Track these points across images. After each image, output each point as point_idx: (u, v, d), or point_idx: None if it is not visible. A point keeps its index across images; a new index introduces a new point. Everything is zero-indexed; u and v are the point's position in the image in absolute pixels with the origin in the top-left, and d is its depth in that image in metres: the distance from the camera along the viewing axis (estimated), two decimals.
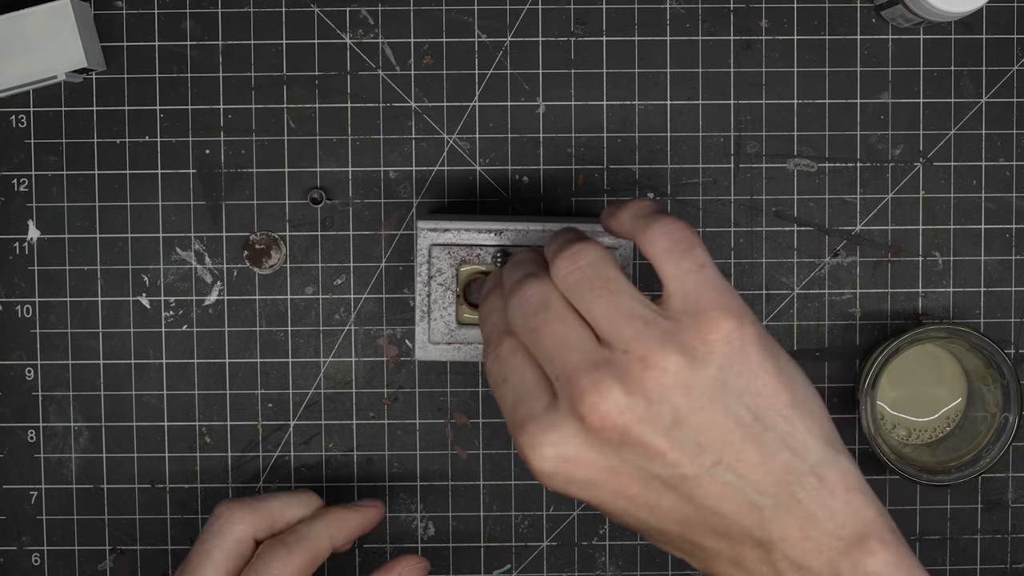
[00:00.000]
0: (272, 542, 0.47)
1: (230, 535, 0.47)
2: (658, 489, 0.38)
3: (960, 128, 0.57)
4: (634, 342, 0.37)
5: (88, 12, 0.55)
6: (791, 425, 0.38)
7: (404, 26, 0.56)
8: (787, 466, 0.37)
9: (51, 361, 0.57)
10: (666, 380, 0.37)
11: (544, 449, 0.38)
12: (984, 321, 0.57)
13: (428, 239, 0.49)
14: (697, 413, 0.37)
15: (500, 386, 0.40)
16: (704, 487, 0.37)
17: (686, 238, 0.39)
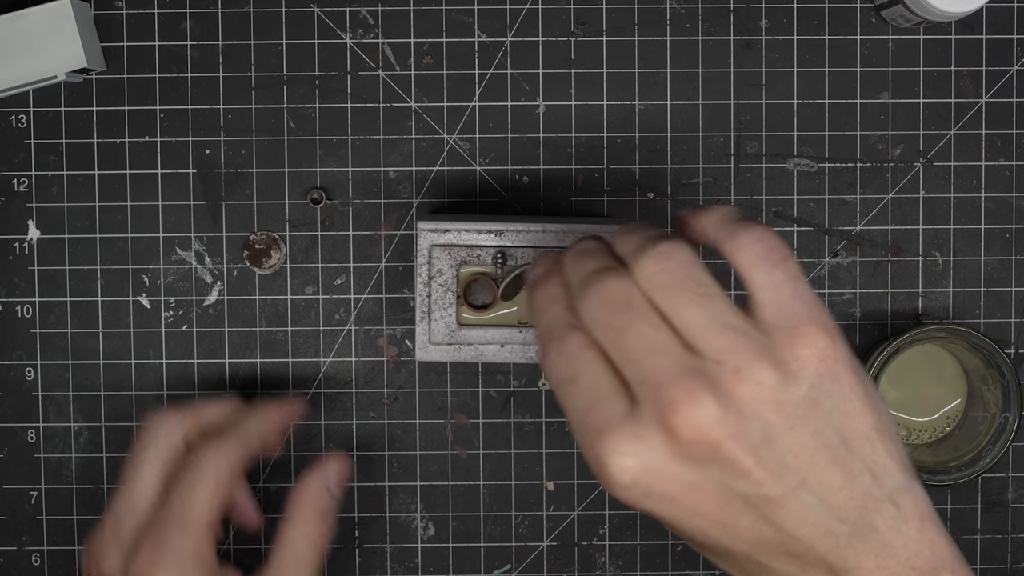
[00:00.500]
0: (204, 440, 0.48)
1: (164, 440, 0.48)
2: (738, 508, 0.36)
3: (960, 128, 0.57)
4: (728, 353, 0.35)
5: (88, 12, 0.55)
6: (874, 449, 0.36)
7: (404, 26, 0.56)
8: (867, 492, 0.36)
9: (51, 361, 0.57)
10: (759, 395, 0.35)
11: (626, 460, 0.35)
12: (984, 321, 0.57)
13: (428, 240, 0.49)
14: (787, 432, 0.35)
15: (567, 384, 0.37)
16: (785, 508, 0.36)
17: (779, 247, 0.37)
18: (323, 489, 0.50)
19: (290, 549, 0.49)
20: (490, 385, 0.57)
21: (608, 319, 0.37)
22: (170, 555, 0.46)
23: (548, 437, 0.57)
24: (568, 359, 0.37)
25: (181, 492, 0.47)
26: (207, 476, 0.47)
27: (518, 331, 0.50)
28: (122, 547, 0.47)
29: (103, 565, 0.47)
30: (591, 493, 0.57)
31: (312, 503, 0.50)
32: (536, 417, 0.57)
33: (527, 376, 0.57)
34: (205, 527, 0.47)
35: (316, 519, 0.50)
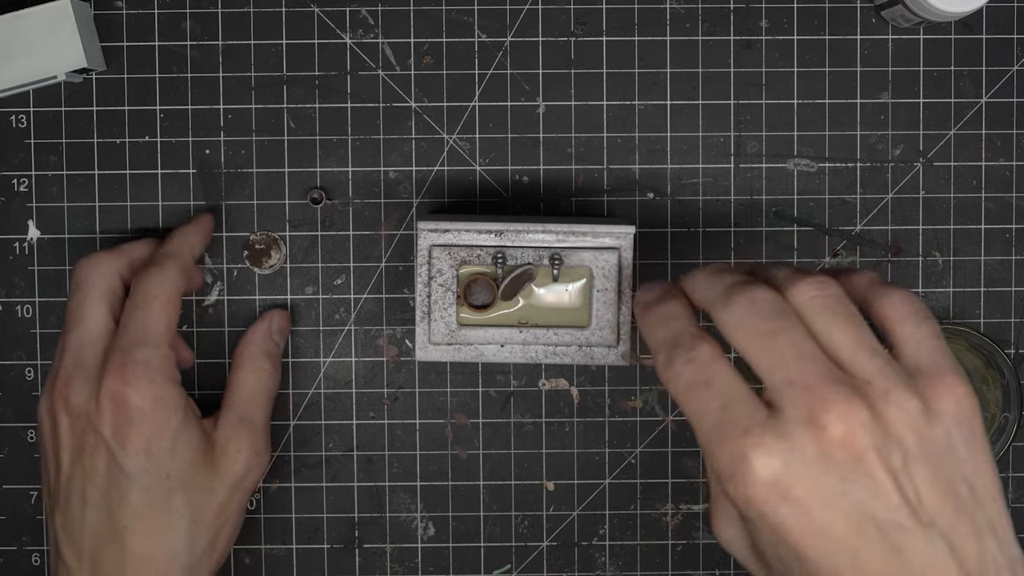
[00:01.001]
0: (142, 268, 0.51)
1: (102, 278, 0.50)
2: (870, 536, 0.35)
3: (960, 128, 0.57)
4: (878, 376, 0.36)
5: (88, 12, 0.55)
6: (999, 511, 0.37)
7: (404, 26, 0.56)
8: (991, 554, 0.36)
9: (51, 361, 0.57)
10: (905, 420, 0.36)
11: (771, 458, 0.36)
12: (984, 321, 0.57)
13: (428, 240, 0.49)
14: (924, 463, 0.36)
15: (700, 389, 0.38)
16: (915, 544, 0.35)
17: (924, 309, 0.39)
18: (267, 334, 0.54)
19: (241, 387, 0.53)
20: (490, 385, 0.57)
21: (759, 324, 0.38)
22: (140, 371, 0.47)
23: (548, 437, 0.57)
24: (699, 365, 0.38)
25: (135, 315, 0.49)
26: (157, 297, 0.49)
27: (518, 331, 0.50)
28: (88, 376, 0.48)
29: (71, 398, 0.48)
30: (591, 493, 0.57)
31: (258, 345, 0.54)
32: (536, 417, 0.57)
33: (527, 376, 0.57)
34: (168, 343, 0.49)
35: (263, 359, 0.54)
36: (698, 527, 0.57)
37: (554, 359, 0.50)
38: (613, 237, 0.49)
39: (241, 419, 0.51)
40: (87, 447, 0.48)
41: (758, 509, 0.36)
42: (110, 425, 0.47)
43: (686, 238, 0.57)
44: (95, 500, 0.47)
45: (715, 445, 0.37)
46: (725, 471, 0.37)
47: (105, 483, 0.47)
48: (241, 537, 0.57)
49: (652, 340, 0.41)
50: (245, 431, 0.51)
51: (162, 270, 0.50)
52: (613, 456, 0.57)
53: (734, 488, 0.36)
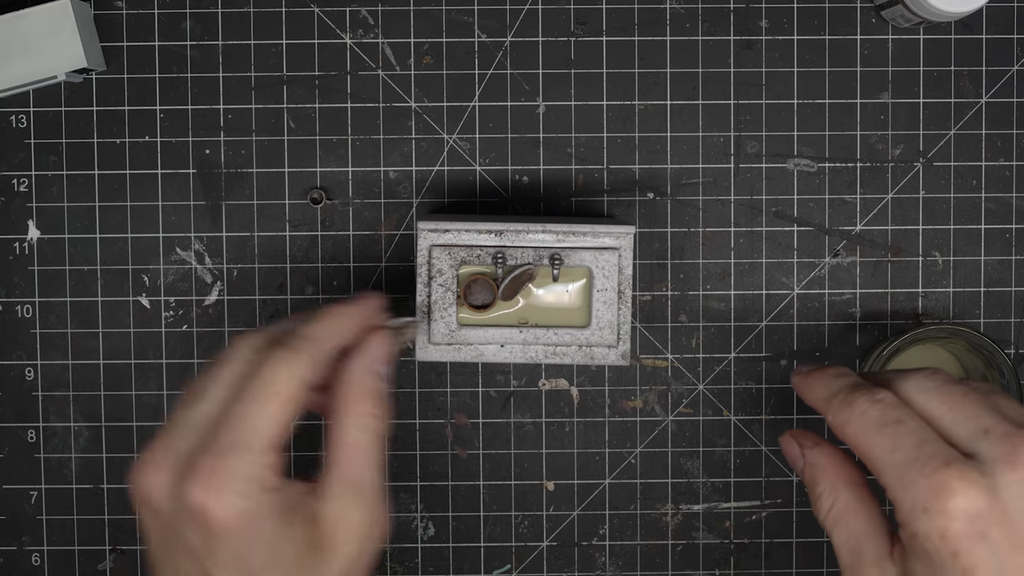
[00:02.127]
0: (270, 347, 0.42)
1: (240, 362, 0.43)
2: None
3: (960, 128, 0.57)
4: None
5: (88, 12, 0.55)
6: None
7: (404, 26, 0.56)
8: None
9: (51, 361, 0.57)
10: None
11: (975, 490, 0.36)
12: (984, 321, 0.57)
13: (428, 240, 0.49)
14: None
15: (891, 426, 0.39)
16: None
17: None
18: (368, 370, 0.45)
19: (345, 440, 0.43)
20: (490, 385, 0.57)
21: (942, 389, 0.40)
22: (229, 482, 0.40)
23: (548, 437, 0.57)
24: (887, 406, 0.40)
25: (244, 408, 0.41)
26: (276, 393, 0.41)
27: (518, 331, 0.50)
28: (175, 469, 0.41)
29: (150, 489, 0.41)
30: (591, 493, 0.57)
31: (359, 387, 0.44)
32: (536, 417, 0.57)
33: (527, 376, 0.57)
34: (269, 450, 0.41)
35: (367, 402, 0.44)
36: (698, 527, 0.57)
37: (554, 359, 0.50)
38: (613, 237, 0.49)
39: (350, 484, 0.43)
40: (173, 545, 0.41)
41: (953, 546, 0.36)
42: (195, 536, 0.40)
43: (686, 238, 0.57)
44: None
45: (912, 476, 0.37)
46: (921, 503, 0.37)
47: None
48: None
49: (822, 391, 0.42)
50: (356, 501, 0.43)
51: (293, 357, 0.42)
52: (613, 456, 0.57)
53: (929, 522, 0.36)
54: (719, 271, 0.57)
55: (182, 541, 0.41)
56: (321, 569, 0.42)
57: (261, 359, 0.42)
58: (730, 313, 0.57)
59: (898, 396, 0.40)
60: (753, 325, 0.57)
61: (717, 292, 0.57)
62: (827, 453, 0.43)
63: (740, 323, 0.57)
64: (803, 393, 0.44)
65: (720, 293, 0.57)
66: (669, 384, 0.57)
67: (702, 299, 0.57)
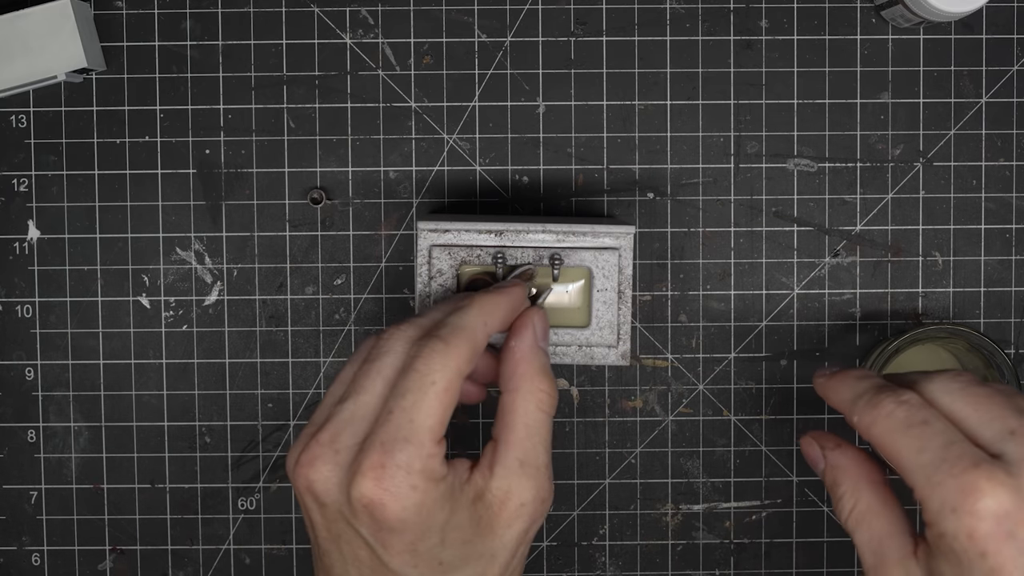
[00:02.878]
0: (424, 339, 0.42)
1: (398, 350, 0.42)
2: None
3: (960, 128, 0.57)
4: None
5: (88, 12, 0.55)
6: None
7: (404, 26, 0.56)
8: None
9: (51, 361, 0.57)
10: None
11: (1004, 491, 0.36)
12: (984, 321, 0.57)
13: (428, 240, 0.49)
14: None
15: (918, 427, 0.39)
16: None
17: None
18: (535, 347, 0.45)
19: (517, 417, 0.43)
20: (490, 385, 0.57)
21: (967, 390, 0.40)
22: (401, 478, 0.40)
23: None
24: (913, 407, 0.40)
25: (406, 400, 0.41)
26: (436, 382, 0.41)
27: None
28: (341, 463, 0.41)
29: (316, 484, 0.41)
30: (591, 493, 0.57)
31: (531, 361, 0.44)
32: None
33: None
34: (432, 441, 0.41)
35: (540, 378, 0.44)
36: (698, 527, 0.57)
37: (554, 359, 0.50)
38: (613, 237, 0.49)
39: (522, 462, 0.43)
40: (343, 535, 0.42)
41: (981, 546, 0.36)
42: (367, 528, 0.41)
43: (686, 238, 0.57)
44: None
45: (940, 476, 0.37)
46: (950, 503, 0.37)
47: (370, 570, 0.42)
48: (241, 537, 0.57)
49: (846, 393, 0.42)
50: (528, 478, 0.42)
51: (448, 348, 0.42)
52: (613, 456, 0.57)
53: (957, 522, 0.36)
54: (719, 271, 0.57)
55: (352, 532, 0.41)
56: (492, 545, 0.42)
57: (416, 351, 0.42)
58: (730, 313, 0.57)
59: (922, 397, 0.40)
60: (753, 325, 0.57)
61: (717, 292, 0.57)
62: (849, 454, 0.43)
63: (740, 323, 0.57)
64: (826, 395, 0.44)
65: (720, 293, 0.57)
66: (669, 384, 0.57)
67: (702, 299, 0.57)
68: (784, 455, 0.57)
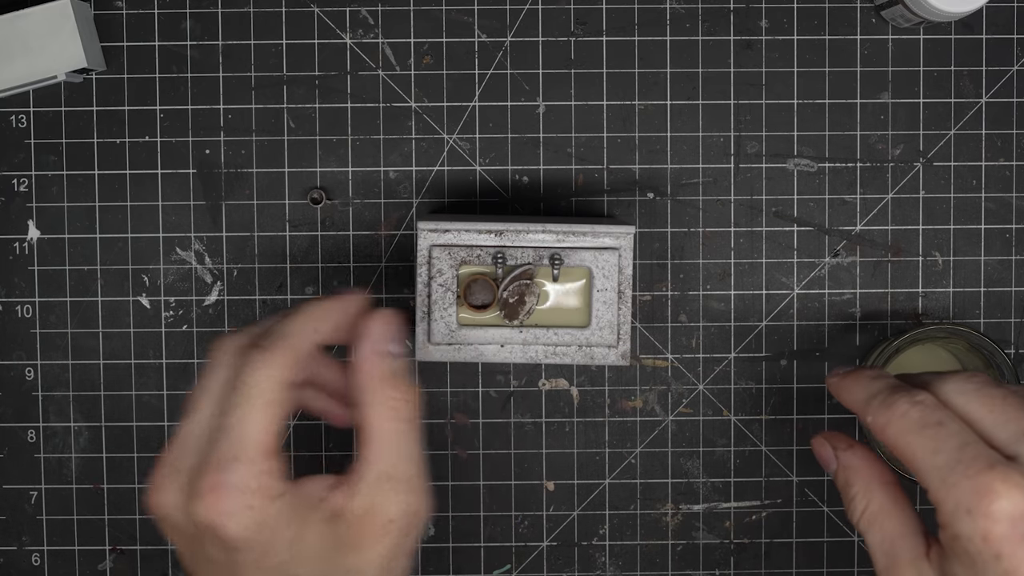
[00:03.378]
0: (247, 349, 0.41)
1: (224, 363, 0.42)
2: None
3: (960, 128, 0.57)
4: None
5: (88, 12, 0.55)
6: None
7: (404, 26, 0.56)
8: None
9: (51, 361, 0.57)
10: None
11: (1019, 492, 0.36)
12: (984, 321, 0.57)
13: (428, 240, 0.49)
14: None
15: (932, 428, 0.39)
16: None
17: None
18: (378, 352, 0.43)
19: (376, 432, 0.42)
20: (490, 385, 0.57)
21: (981, 391, 0.40)
22: (236, 498, 0.39)
23: (548, 437, 0.57)
24: (928, 408, 0.40)
25: (232, 416, 0.40)
26: (253, 396, 0.40)
27: (518, 331, 0.50)
28: (182, 488, 0.40)
29: (164, 508, 0.41)
30: (591, 493, 0.57)
31: (374, 371, 0.42)
32: (536, 417, 0.57)
33: (527, 376, 0.57)
34: (266, 453, 0.40)
35: (386, 387, 0.42)
36: (698, 527, 0.57)
37: (554, 359, 0.50)
38: (613, 237, 0.49)
39: (382, 477, 0.41)
40: (199, 556, 0.41)
41: (996, 548, 0.36)
42: (215, 548, 0.40)
43: (686, 238, 0.57)
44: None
45: (955, 478, 0.37)
46: (964, 505, 0.37)
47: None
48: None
49: (860, 393, 0.42)
50: (395, 493, 0.41)
51: (269, 357, 0.41)
52: (613, 456, 0.57)
53: (972, 523, 0.36)
54: (719, 271, 0.57)
55: (205, 553, 0.40)
56: (354, 561, 0.41)
57: (241, 363, 0.41)
58: (730, 313, 0.57)
59: (937, 398, 0.40)
60: (753, 325, 0.57)
61: (717, 292, 0.57)
62: (860, 455, 0.43)
63: (740, 323, 0.57)
64: (840, 395, 0.44)
65: (720, 293, 0.57)
66: (669, 384, 0.57)
67: (702, 299, 0.57)
68: (784, 455, 0.57)
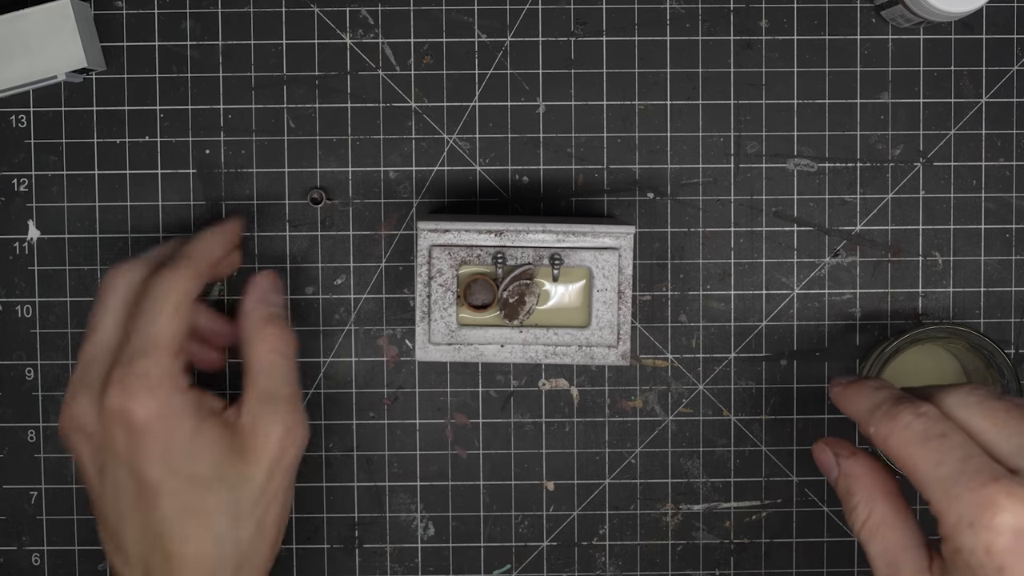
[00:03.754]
0: (154, 271, 0.49)
1: (123, 287, 0.49)
2: None
3: (960, 128, 0.57)
4: None
5: (88, 12, 0.55)
6: None
7: (404, 26, 0.56)
8: None
9: (51, 361, 0.57)
10: None
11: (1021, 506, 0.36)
12: (984, 321, 0.57)
13: (428, 240, 0.49)
14: None
15: (935, 439, 0.39)
16: None
17: None
18: (262, 300, 0.51)
19: (255, 363, 0.49)
20: (490, 385, 0.57)
21: (984, 404, 0.40)
22: (141, 384, 0.46)
23: (548, 437, 0.57)
24: (932, 420, 0.40)
25: (140, 322, 0.47)
26: (163, 303, 0.47)
27: (518, 331, 0.50)
28: (92, 392, 0.47)
29: (78, 416, 0.47)
30: (591, 493, 0.57)
31: (256, 313, 0.50)
32: (536, 417, 0.57)
33: (527, 376, 0.57)
34: (172, 352, 0.47)
35: (266, 326, 0.50)
36: (698, 527, 0.57)
37: (554, 359, 0.50)
38: (613, 237, 0.49)
39: (263, 397, 0.48)
40: (107, 463, 0.46)
41: (999, 561, 0.36)
42: (122, 441, 0.46)
43: (686, 238, 0.57)
44: (128, 511, 0.46)
45: (958, 490, 0.37)
46: (967, 518, 0.37)
47: (133, 496, 0.46)
48: None
49: (863, 403, 0.42)
50: (270, 410, 0.48)
51: (173, 273, 0.48)
52: (613, 456, 0.57)
53: (974, 536, 0.36)
54: (719, 271, 0.57)
55: (111, 451, 0.46)
56: (245, 469, 0.47)
57: (151, 281, 0.48)
58: (730, 313, 0.57)
59: (940, 410, 0.40)
60: (753, 325, 0.57)
61: (717, 292, 0.57)
62: (863, 463, 0.43)
63: (740, 323, 0.57)
64: (843, 405, 0.44)
65: (720, 293, 0.57)
66: (669, 384, 0.57)
67: (702, 299, 0.57)
68: (784, 455, 0.57)
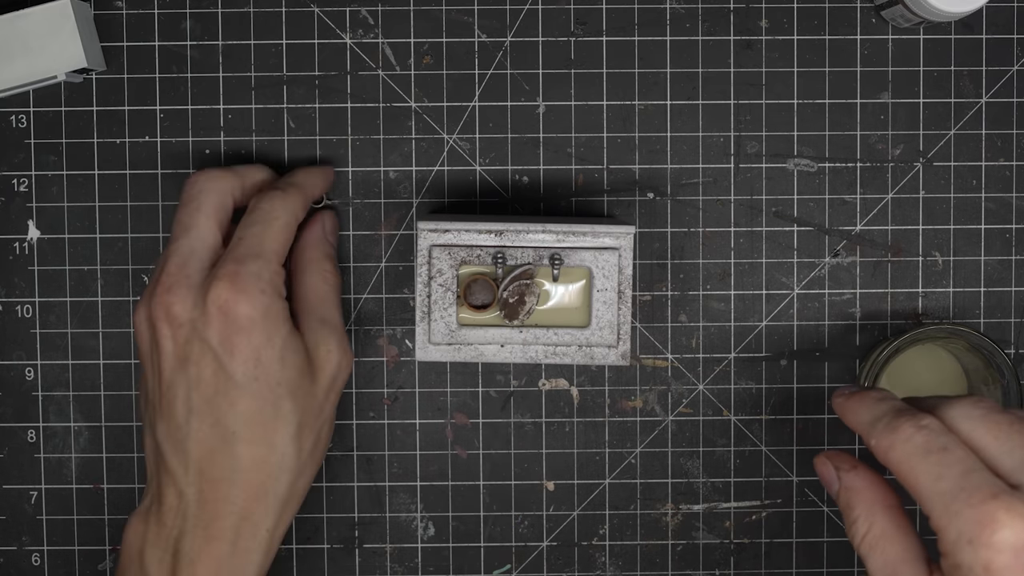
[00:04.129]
0: (265, 190, 0.51)
1: (215, 194, 0.50)
2: None
3: (960, 128, 0.57)
4: None
5: (88, 12, 0.55)
6: None
7: (404, 26, 0.56)
8: None
9: (51, 361, 0.57)
10: None
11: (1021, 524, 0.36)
12: (984, 321, 0.57)
13: (428, 240, 0.49)
14: None
15: (936, 453, 0.39)
16: None
17: None
18: (322, 237, 0.54)
19: (312, 291, 0.51)
20: (490, 385, 0.57)
21: (988, 417, 0.40)
22: (252, 282, 0.47)
23: (548, 437, 0.57)
24: (933, 433, 0.39)
25: (253, 230, 0.49)
26: (278, 217, 0.49)
27: (518, 331, 0.50)
28: (192, 284, 0.47)
29: (174, 305, 0.47)
30: (591, 493, 0.57)
31: (316, 248, 0.53)
32: (536, 417, 0.57)
33: (527, 376, 0.57)
34: (278, 260, 0.49)
35: (324, 261, 0.53)
36: (698, 527, 0.57)
37: (554, 359, 0.50)
38: (613, 237, 0.49)
39: (322, 321, 0.50)
40: (192, 355, 0.47)
41: (999, 573, 0.36)
42: (218, 334, 0.46)
43: (686, 238, 0.57)
44: (201, 408, 0.47)
45: (958, 506, 0.37)
46: (967, 534, 0.36)
47: (212, 391, 0.47)
48: None
49: (865, 415, 0.42)
50: (328, 332, 0.50)
51: (287, 195, 0.50)
52: (613, 456, 0.57)
53: (973, 553, 0.36)
54: (719, 271, 0.57)
55: (201, 346, 0.47)
56: (311, 386, 0.49)
57: (262, 197, 0.50)
58: (730, 313, 0.57)
59: (942, 423, 0.40)
60: (753, 325, 0.57)
61: (717, 292, 0.57)
62: (864, 476, 0.43)
63: (740, 323, 0.57)
64: (844, 416, 0.44)
65: (720, 293, 0.57)
66: (669, 384, 0.57)
67: (702, 299, 0.57)
68: (784, 455, 0.57)
